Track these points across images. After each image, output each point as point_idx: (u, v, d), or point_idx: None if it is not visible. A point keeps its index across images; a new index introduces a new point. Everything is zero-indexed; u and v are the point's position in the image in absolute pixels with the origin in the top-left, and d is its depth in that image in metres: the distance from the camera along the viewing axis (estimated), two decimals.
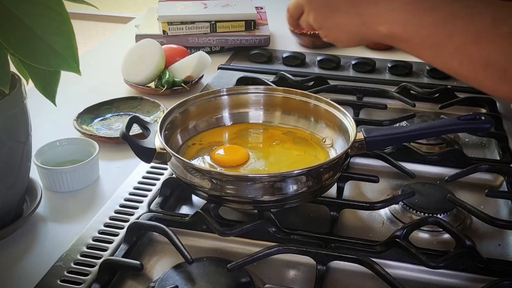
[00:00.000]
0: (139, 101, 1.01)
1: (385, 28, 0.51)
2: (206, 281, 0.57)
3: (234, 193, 0.63)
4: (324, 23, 0.58)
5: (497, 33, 0.42)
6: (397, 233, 0.64)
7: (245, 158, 0.73)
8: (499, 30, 0.41)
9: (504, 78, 0.41)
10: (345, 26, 0.56)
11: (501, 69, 0.41)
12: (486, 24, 0.42)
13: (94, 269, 0.59)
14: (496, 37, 0.42)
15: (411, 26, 0.48)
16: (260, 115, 0.83)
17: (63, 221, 0.71)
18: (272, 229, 0.64)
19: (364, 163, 0.83)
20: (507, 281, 0.57)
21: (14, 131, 0.63)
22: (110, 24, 2.88)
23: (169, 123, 0.74)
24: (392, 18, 0.50)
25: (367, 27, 0.53)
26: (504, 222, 0.67)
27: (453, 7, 0.46)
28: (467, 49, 0.43)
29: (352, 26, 0.55)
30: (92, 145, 0.79)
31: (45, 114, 0.90)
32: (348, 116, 0.73)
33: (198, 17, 1.26)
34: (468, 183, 0.79)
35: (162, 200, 0.71)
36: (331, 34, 0.59)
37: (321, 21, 0.58)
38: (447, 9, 0.46)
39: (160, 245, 0.66)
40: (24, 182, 0.69)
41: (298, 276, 0.61)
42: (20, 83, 0.63)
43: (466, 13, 0.44)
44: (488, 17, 0.43)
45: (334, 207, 0.68)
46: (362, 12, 0.53)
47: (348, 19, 0.55)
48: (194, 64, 1.08)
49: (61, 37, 0.57)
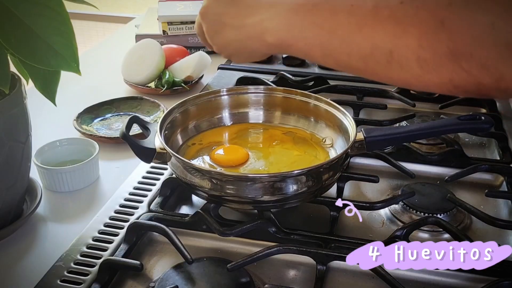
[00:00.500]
0: (139, 101, 1.01)
1: (270, 37, 0.51)
2: (206, 281, 0.57)
3: (234, 193, 0.63)
4: (216, 40, 0.58)
5: (379, 18, 0.42)
6: (397, 233, 0.64)
7: (245, 158, 0.73)
8: (380, 15, 0.42)
9: (392, 61, 0.41)
10: (234, 42, 0.55)
11: (387, 51, 0.41)
12: (367, 11, 0.43)
13: (94, 269, 0.59)
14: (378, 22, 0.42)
15: (295, 30, 0.48)
16: (260, 115, 0.83)
17: (63, 221, 0.71)
18: (272, 229, 0.64)
19: (364, 163, 0.83)
20: (507, 281, 0.57)
21: (14, 131, 0.63)
22: (110, 24, 2.88)
23: (169, 123, 0.74)
24: (275, 25, 0.50)
25: (253, 39, 0.53)
26: (504, 222, 0.67)
27: (333, 4, 0.46)
28: (352, 40, 0.43)
29: (239, 41, 0.54)
30: (92, 145, 0.79)
31: (45, 114, 0.90)
32: (348, 116, 0.73)
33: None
34: (468, 183, 0.79)
35: (162, 200, 0.71)
36: (223, 51, 0.58)
37: (212, 38, 0.58)
38: (328, 6, 0.46)
39: (160, 245, 0.66)
40: (24, 182, 0.69)
41: (298, 276, 0.61)
42: (20, 83, 0.63)
43: (347, 5, 0.44)
44: (369, 5, 0.43)
45: (334, 207, 0.68)
46: (246, 24, 0.53)
47: (235, 34, 0.54)
48: (194, 64, 1.08)
49: (61, 37, 0.57)
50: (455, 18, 0.38)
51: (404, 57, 0.41)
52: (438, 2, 0.39)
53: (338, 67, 0.47)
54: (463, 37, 0.38)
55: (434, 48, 0.39)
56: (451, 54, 0.38)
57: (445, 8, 0.39)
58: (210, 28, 0.58)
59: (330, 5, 0.46)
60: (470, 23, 0.37)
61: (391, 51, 0.41)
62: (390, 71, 0.42)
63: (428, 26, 0.39)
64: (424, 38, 0.39)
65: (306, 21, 0.47)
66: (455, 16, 0.38)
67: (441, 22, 0.38)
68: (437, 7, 0.39)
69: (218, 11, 0.56)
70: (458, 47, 0.38)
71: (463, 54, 0.38)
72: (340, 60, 0.45)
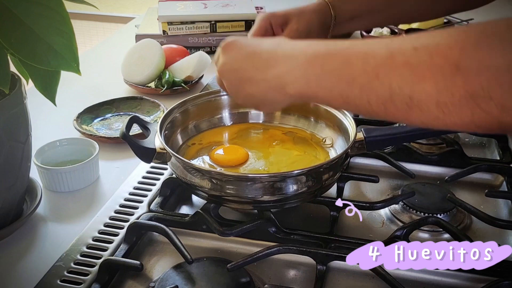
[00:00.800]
0: (139, 101, 1.01)
1: (290, 90, 0.51)
2: (206, 281, 0.57)
3: (234, 193, 0.63)
4: (237, 94, 0.59)
5: (394, 65, 0.43)
6: (397, 233, 0.64)
7: (244, 158, 0.73)
8: (395, 62, 0.43)
9: (412, 105, 0.42)
10: (255, 95, 0.56)
11: (406, 97, 0.42)
12: (382, 59, 0.44)
13: (94, 269, 0.59)
14: (394, 69, 0.43)
15: (313, 81, 0.49)
16: (260, 115, 0.83)
17: (63, 221, 0.71)
18: (272, 229, 0.64)
19: (364, 163, 0.83)
20: (507, 281, 0.57)
21: (14, 131, 0.63)
22: (110, 24, 2.87)
23: (169, 123, 0.74)
24: (294, 78, 0.51)
25: (274, 92, 0.54)
26: (504, 222, 0.67)
27: (347, 53, 0.47)
28: (371, 88, 0.44)
29: (261, 94, 0.55)
30: (92, 145, 0.79)
31: (45, 114, 0.90)
32: (348, 116, 0.73)
33: (198, 17, 1.26)
34: (468, 183, 0.79)
35: (162, 200, 0.71)
36: (247, 103, 0.60)
37: (235, 93, 0.59)
38: (342, 55, 0.47)
39: (160, 245, 0.66)
40: (24, 182, 0.69)
41: (298, 276, 0.61)
42: (20, 83, 0.63)
43: (361, 53, 0.46)
44: (382, 53, 0.44)
45: (334, 207, 0.68)
46: (265, 78, 0.54)
47: (255, 88, 0.55)
48: (194, 64, 1.08)
49: (61, 37, 0.57)
50: (469, 61, 0.39)
51: (423, 102, 0.41)
52: (451, 47, 0.40)
53: (359, 113, 0.49)
54: (479, 79, 0.38)
55: (452, 92, 0.39)
56: (469, 96, 0.39)
57: (458, 53, 0.39)
58: (230, 85, 0.59)
59: (344, 53, 0.47)
60: (485, 66, 0.38)
61: (410, 96, 0.42)
62: (411, 115, 0.43)
63: (444, 70, 0.40)
64: (441, 83, 0.40)
65: (323, 72, 0.48)
66: (470, 60, 0.39)
67: (456, 66, 0.39)
68: (450, 52, 0.39)
69: (235, 67, 0.57)
70: (475, 89, 0.38)
71: (481, 96, 0.38)
72: (361, 106, 0.46)
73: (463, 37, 0.40)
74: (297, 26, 0.71)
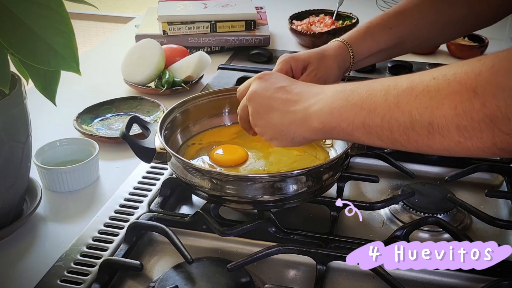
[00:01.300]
0: (139, 101, 1.01)
1: (314, 121, 0.54)
2: (206, 281, 0.57)
3: (234, 193, 0.63)
4: (259, 122, 0.60)
5: (414, 93, 0.45)
6: (397, 233, 0.64)
7: (244, 158, 0.73)
8: (415, 91, 0.45)
9: (433, 131, 0.44)
10: (277, 125, 0.58)
11: (426, 123, 0.44)
12: (402, 89, 0.46)
13: (94, 269, 0.59)
14: (413, 97, 0.45)
15: (337, 112, 0.51)
16: None
17: (63, 221, 0.71)
18: (272, 229, 0.64)
19: (364, 163, 0.83)
20: (507, 281, 0.57)
21: (14, 131, 0.63)
22: (110, 24, 2.87)
23: (169, 123, 0.74)
24: (318, 110, 0.53)
25: (297, 124, 0.56)
26: (504, 222, 0.67)
27: (371, 86, 0.50)
28: (391, 116, 0.46)
29: (284, 125, 0.57)
30: (92, 145, 0.79)
31: (45, 114, 0.90)
32: None
33: (198, 17, 1.26)
34: (468, 183, 0.79)
35: (162, 200, 0.71)
36: (265, 133, 0.60)
37: (257, 120, 0.60)
38: (365, 89, 0.50)
39: (160, 245, 0.66)
40: (24, 182, 0.69)
41: (298, 276, 0.61)
42: (20, 83, 0.63)
43: (383, 86, 0.48)
44: (403, 84, 0.46)
45: (334, 207, 0.68)
46: (294, 110, 0.56)
47: (280, 118, 0.57)
48: (194, 64, 1.08)
49: (61, 37, 0.57)
50: (486, 85, 0.40)
51: (444, 127, 0.43)
52: (468, 74, 0.41)
53: (382, 143, 0.49)
54: (497, 102, 0.39)
55: (471, 116, 0.41)
56: (488, 119, 0.40)
57: (475, 78, 0.40)
58: (256, 110, 0.60)
59: (368, 87, 0.50)
60: (502, 89, 0.39)
61: (430, 122, 0.43)
62: (433, 141, 0.44)
63: (462, 95, 0.41)
64: (459, 107, 0.41)
65: (347, 103, 0.51)
66: (487, 84, 0.40)
67: (474, 91, 0.40)
68: (467, 78, 0.41)
69: (267, 95, 0.59)
70: (494, 112, 0.39)
71: (499, 118, 0.39)
72: (383, 136, 0.48)
73: (478, 64, 0.41)
74: (316, 72, 0.73)
